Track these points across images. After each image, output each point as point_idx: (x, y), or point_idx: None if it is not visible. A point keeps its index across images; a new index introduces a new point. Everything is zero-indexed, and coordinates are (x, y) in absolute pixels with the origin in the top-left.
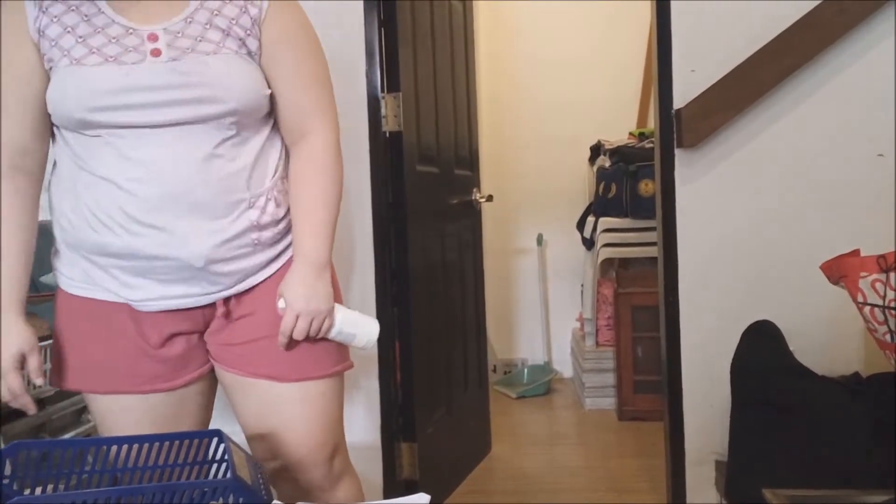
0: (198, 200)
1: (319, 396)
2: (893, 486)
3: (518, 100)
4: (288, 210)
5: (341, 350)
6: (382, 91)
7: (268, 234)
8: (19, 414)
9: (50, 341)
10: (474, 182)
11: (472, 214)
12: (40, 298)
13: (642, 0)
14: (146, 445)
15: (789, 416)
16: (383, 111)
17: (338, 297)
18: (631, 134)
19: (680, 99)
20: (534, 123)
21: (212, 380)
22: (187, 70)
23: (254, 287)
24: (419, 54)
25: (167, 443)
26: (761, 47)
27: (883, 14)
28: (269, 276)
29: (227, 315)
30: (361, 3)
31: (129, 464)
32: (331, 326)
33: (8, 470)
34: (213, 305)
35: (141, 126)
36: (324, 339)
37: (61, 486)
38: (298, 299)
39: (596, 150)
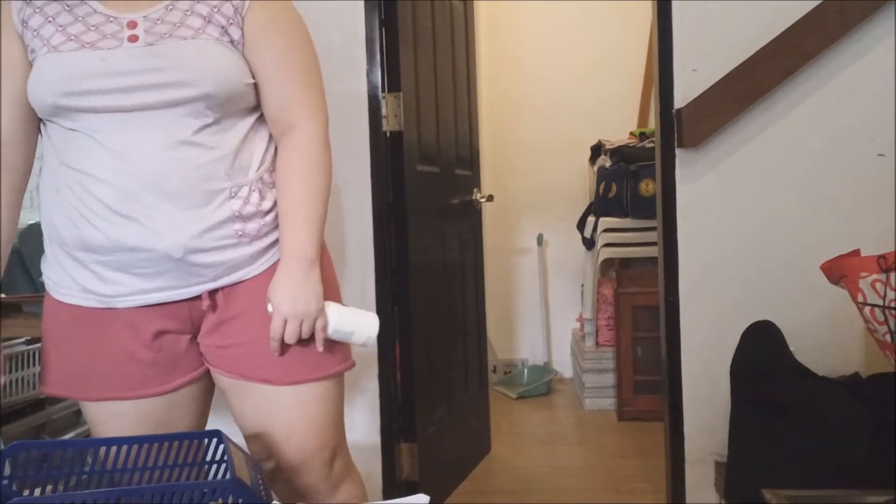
0: (174, 189)
1: (317, 399)
2: (893, 486)
3: (519, 99)
4: (275, 204)
5: (341, 349)
6: (383, 90)
7: (253, 225)
8: (20, 414)
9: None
10: (475, 182)
11: (472, 214)
12: (39, 299)
13: (643, 0)
14: (146, 446)
15: (789, 417)
16: (384, 111)
17: (335, 293)
18: (631, 134)
19: (681, 98)
20: (534, 123)
21: (206, 384)
22: (162, 54)
23: (243, 283)
24: (420, 54)
25: (167, 443)
26: (762, 47)
27: (883, 14)
28: (261, 273)
29: (214, 309)
30: (362, 2)
31: (129, 464)
32: (325, 326)
33: (8, 470)
34: (198, 301)
35: (114, 111)
36: (313, 341)
37: (61, 487)
38: (285, 302)
39: (596, 150)
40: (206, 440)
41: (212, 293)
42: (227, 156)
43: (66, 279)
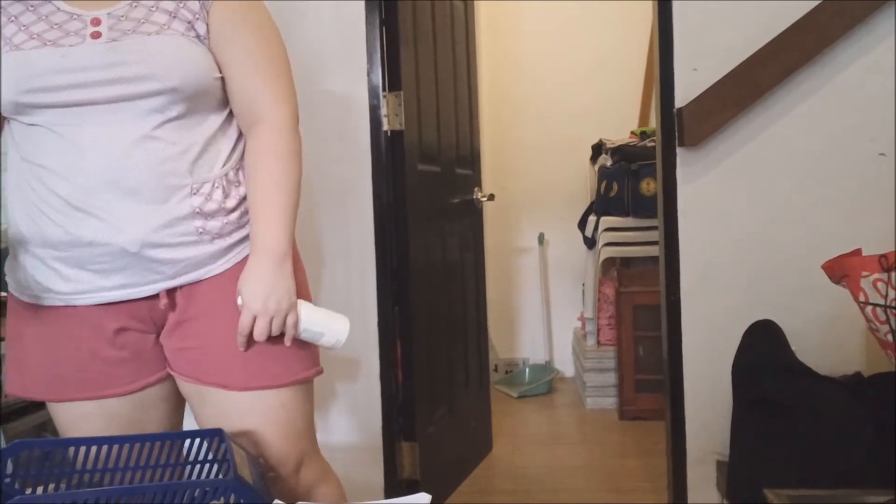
0: (133, 184)
1: (278, 407)
2: (894, 486)
3: (519, 99)
4: (241, 202)
5: (307, 355)
6: (383, 90)
7: (215, 223)
8: (21, 413)
9: None
10: (475, 181)
11: (473, 213)
12: None
13: (644, 0)
14: (147, 445)
15: (791, 416)
16: (384, 110)
17: (305, 292)
18: (632, 133)
19: (681, 98)
20: (535, 122)
21: (176, 384)
22: (125, 49)
23: (203, 282)
24: (420, 53)
25: (168, 442)
26: (762, 46)
27: (883, 14)
28: (222, 272)
29: (173, 308)
30: (363, 2)
31: (131, 463)
32: (296, 323)
33: (9, 469)
34: (156, 300)
35: (76, 105)
36: (279, 343)
37: (62, 486)
38: (256, 298)
39: (597, 149)
40: (208, 439)
41: (170, 292)
42: (190, 151)
43: (27, 279)
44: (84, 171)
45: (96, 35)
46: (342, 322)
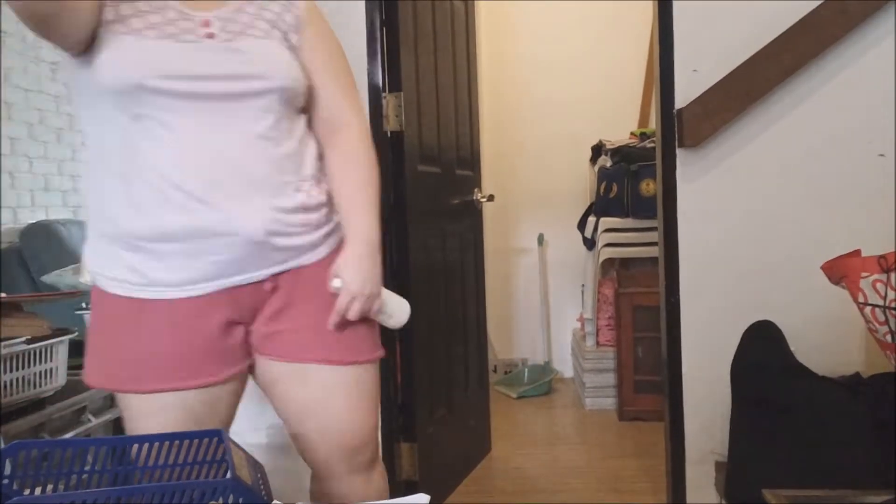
0: (253, 178)
1: (373, 379)
2: (893, 486)
3: (519, 100)
4: (327, 198)
5: (378, 335)
6: (384, 90)
7: (314, 216)
8: (20, 413)
9: (49, 341)
10: (475, 182)
11: (473, 214)
12: (39, 298)
13: (643, 0)
14: (146, 445)
15: (790, 417)
16: (384, 111)
17: None
18: (632, 133)
19: (681, 99)
20: (535, 123)
21: (244, 380)
22: (241, 49)
23: (306, 268)
24: (421, 54)
25: (167, 443)
26: (762, 47)
27: (883, 14)
28: (321, 259)
29: (275, 291)
30: (363, 2)
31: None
32: (381, 308)
33: (8, 470)
34: (259, 286)
35: (194, 98)
36: (365, 323)
37: (61, 486)
38: (356, 281)
39: (597, 150)
40: (207, 439)
41: (275, 277)
42: (292, 152)
43: (126, 273)
44: (208, 166)
45: (211, 35)
46: (405, 305)
